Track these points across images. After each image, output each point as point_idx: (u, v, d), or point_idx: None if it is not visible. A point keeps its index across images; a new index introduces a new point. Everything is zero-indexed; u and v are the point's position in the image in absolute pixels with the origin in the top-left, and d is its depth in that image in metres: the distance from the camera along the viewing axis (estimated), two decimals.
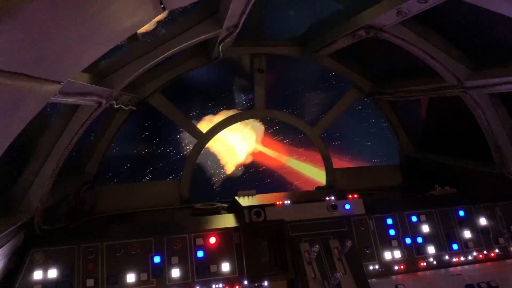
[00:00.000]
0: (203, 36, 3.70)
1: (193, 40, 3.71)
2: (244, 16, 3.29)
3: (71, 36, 1.56)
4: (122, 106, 4.52)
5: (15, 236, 3.25)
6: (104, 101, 3.49)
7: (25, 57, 1.51)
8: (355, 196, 4.16)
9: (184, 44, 3.70)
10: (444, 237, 4.07)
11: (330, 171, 6.42)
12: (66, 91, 2.60)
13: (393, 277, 3.83)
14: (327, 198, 4.09)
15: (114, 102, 3.88)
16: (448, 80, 4.26)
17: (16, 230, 3.25)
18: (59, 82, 2.04)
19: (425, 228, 4.08)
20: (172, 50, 3.70)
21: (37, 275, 3.28)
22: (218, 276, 3.55)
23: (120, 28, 1.79)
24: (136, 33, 2.03)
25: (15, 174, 3.44)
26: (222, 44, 4.21)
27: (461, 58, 4.08)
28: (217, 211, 5.09)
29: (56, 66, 1.83)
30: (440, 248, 4.01)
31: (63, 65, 1.87)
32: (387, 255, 3.90)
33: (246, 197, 4.29)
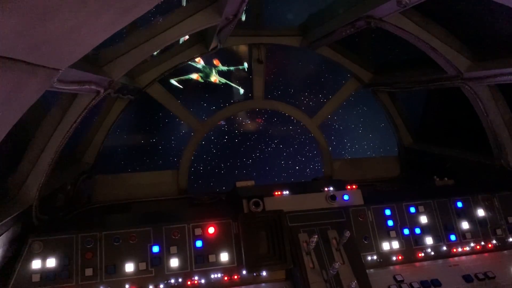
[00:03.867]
0: (203, 25, 3.67)
1: (193, 29, 3.68)
2: (244, 5, 3.26)
3: (70, 22, 1.54)
4: (120, 95, 4.49)
5: (13, 226, 3.23)
6: (102, 90, 3.47)
7: (23, 43, 1.49)
8: (354, 187, 4.16)
9: (183, 33, 3.67)
10: (442, 228, 4.08)
11: (328, 162, 6.42)
12: (64, 79, 2.57)
13: (391, 267, 3.84)
14: (326, 189, 4.10)
15: (112, 91, 3.85)
16: (448, 71, 4.25)
17: (14, 219, 3.23)
18: (57, 70, 2.02)
19: (423, 219, 4.09)
20: (171, 39, 3.67)
21: (36, 264, 3.28)
22: (217, 266, 3.56)
23: (119, 14, 1.76)
24: (135, 21, 2.00)
25: (13, 163, 3.42)
26: (221, 33, 4.17)
27: (461, 49, 4.07)
28: (215, 202, 5.08)
29: (55, 53, 1.81)
30: (438, 239, 4.02)
31: (62, 52, 1.85)
32: (385, 246, 3.91)
33: (244, 188, 4.29)
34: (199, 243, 3.61)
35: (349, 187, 4.17)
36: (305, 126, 6.38)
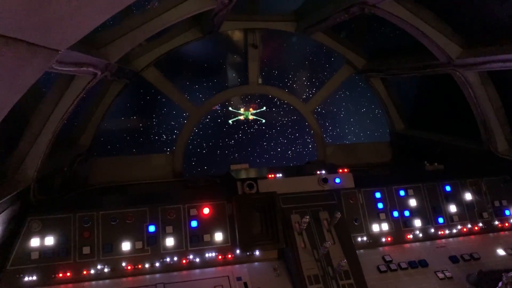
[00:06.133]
0: (199, 9, 3.71)
1: (189, 13, 3.71)
2: None
3: (72, 3, 1.59)
4: (116, 78, 4.53)
5: (11, 205, 3.30)
6: (99, 73, 3.51)
7: (26, 23, 1.53)
8: (345, 170, 4.26)
9: (179, 17, 3.71)
10: (431, 211, 4.20)
11: (321, 147, 6.51)
12: (63, 60, 2.62)
13: (380, 248, 3.97)
14: (318, 172, 4.19)
15: (109, 74, 3.89)
16: (439, 57, 4.33)
17: (13, 198, 3.30)
18: (57, 51, 2.06)
19: (412, 202, 4.20)
20: (167, 23, 3.71)
21: (34, 242, 3.36)
22: (211, 245, 3.66)
23: None
24: (131, 4, 2.05)
25: (12, 143, 3.47)
26: (216, 18, 4.21)
27: (453, 36, 4.14)
28: (210, 184, 5.16)
29: (55, 34, 1.85)
30: (426, 221, 4.14)
31: (62, 33, 1.90)
32: (375, 228, 4.03)
33: (239, 170, 4.37)
34: (194, 223, 3.70)
35: (340, 170, 4.26)
36: (299, 111, 6.46)
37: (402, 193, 4.23)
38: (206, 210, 3.76)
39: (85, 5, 1.71)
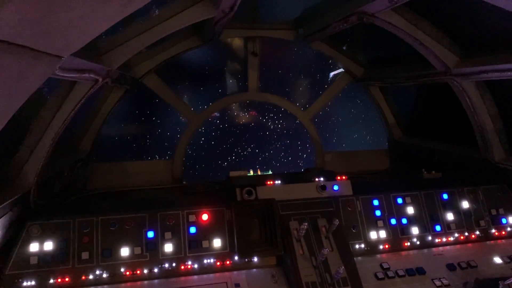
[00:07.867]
0: (199, 17, 3.75)
1: (189, 21, 3.75)
2: None
3: (77, 11, 1.62)
4: (117, 85, 4.56)
5: (11, 210, 3.32)
6: (100, 79, 3.54)
7: (31, 30, 1.56)
8: (344, 177, 4.29)
9: (180, 25, 3.75)
10: (428, 218, 4.23)
11: (320, 154, 6.54)
12: (65, 67, 2.65)
13: (378, 255, 3.99)
14: (317, 179, 4.22)
15: (110, 80, 3.92)
16: (436, 67, 4.37)
17: (13, 203, 3.31)
18: (60, 57, 2.09)
19: (410, 210, 4.23)
20: (168, 30, 3.75)
21: (34, 247, 3.38)
22: (210, 251, 3.68)
23: (123, 4, 1.85)
24: (133, 12, 2.09)
25: (12, 148, 3.50)
26: (217, 26, 4.25)
27: (450, 45, 4.18)
28: (209, 191, 5.19)
29: (59, 41, 1.89)
30: (423, 229, 4.17)
31: (66, 40, 1.93)
32: (373, 235, 4.05)
33: (238, 177, 4.39)
34: (193, 229, 3.72)
35: (339, 178, 4.29)
36: (298, 118, 6.49)
37: (399, 200, 4.26)
38: (205, 216, 3.78)
39: (89, 13, 1.74)
